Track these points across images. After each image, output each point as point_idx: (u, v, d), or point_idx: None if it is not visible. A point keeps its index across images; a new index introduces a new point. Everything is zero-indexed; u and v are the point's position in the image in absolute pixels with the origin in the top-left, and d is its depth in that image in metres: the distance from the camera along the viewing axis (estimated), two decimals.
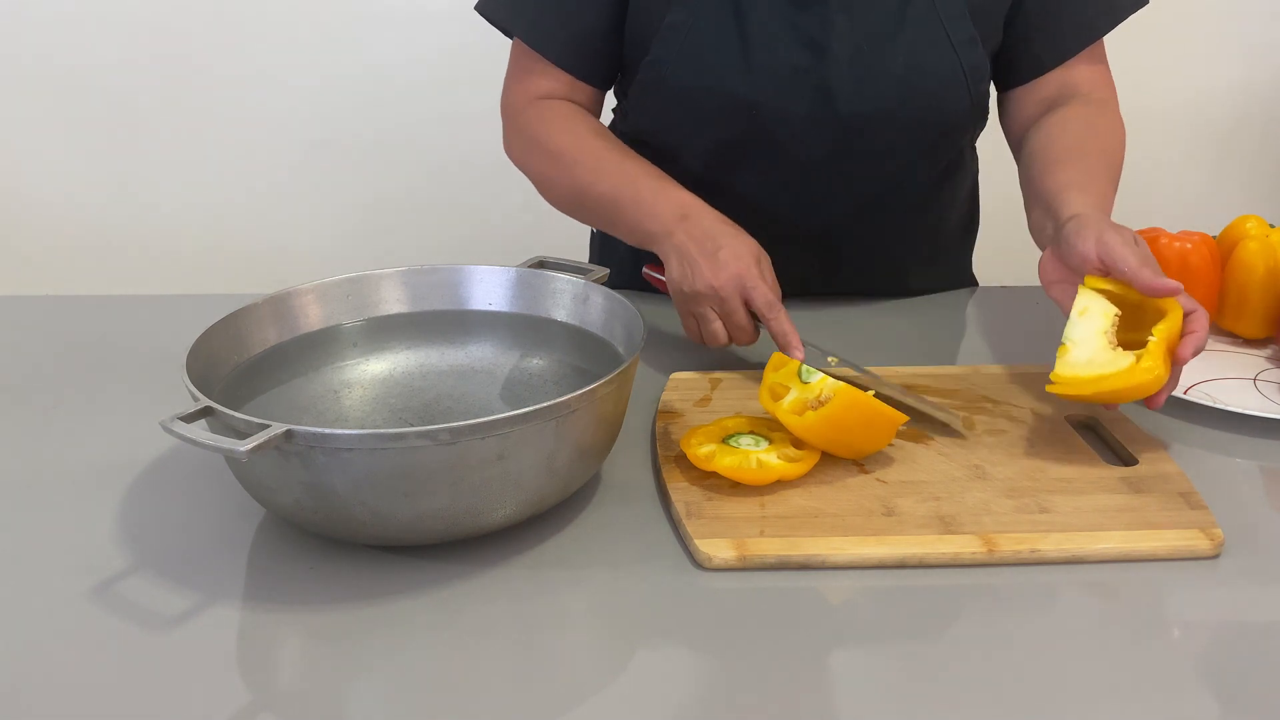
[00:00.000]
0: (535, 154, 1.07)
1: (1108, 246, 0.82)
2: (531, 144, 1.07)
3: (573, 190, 1.05)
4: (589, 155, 1.03)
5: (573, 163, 1.03)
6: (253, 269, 2.13)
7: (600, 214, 1.04)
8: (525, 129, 1.08)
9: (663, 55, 1.03)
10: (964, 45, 1.02)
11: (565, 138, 1.05)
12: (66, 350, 1.05)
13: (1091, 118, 1.05)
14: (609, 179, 1.01)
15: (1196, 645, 0.65)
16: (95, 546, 0.73)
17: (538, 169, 1.08)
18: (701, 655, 0.63)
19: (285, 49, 2.02)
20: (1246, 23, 2.08)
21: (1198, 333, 0.81)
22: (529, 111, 1.08)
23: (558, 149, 1.05)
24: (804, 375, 0.79)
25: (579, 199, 1.05)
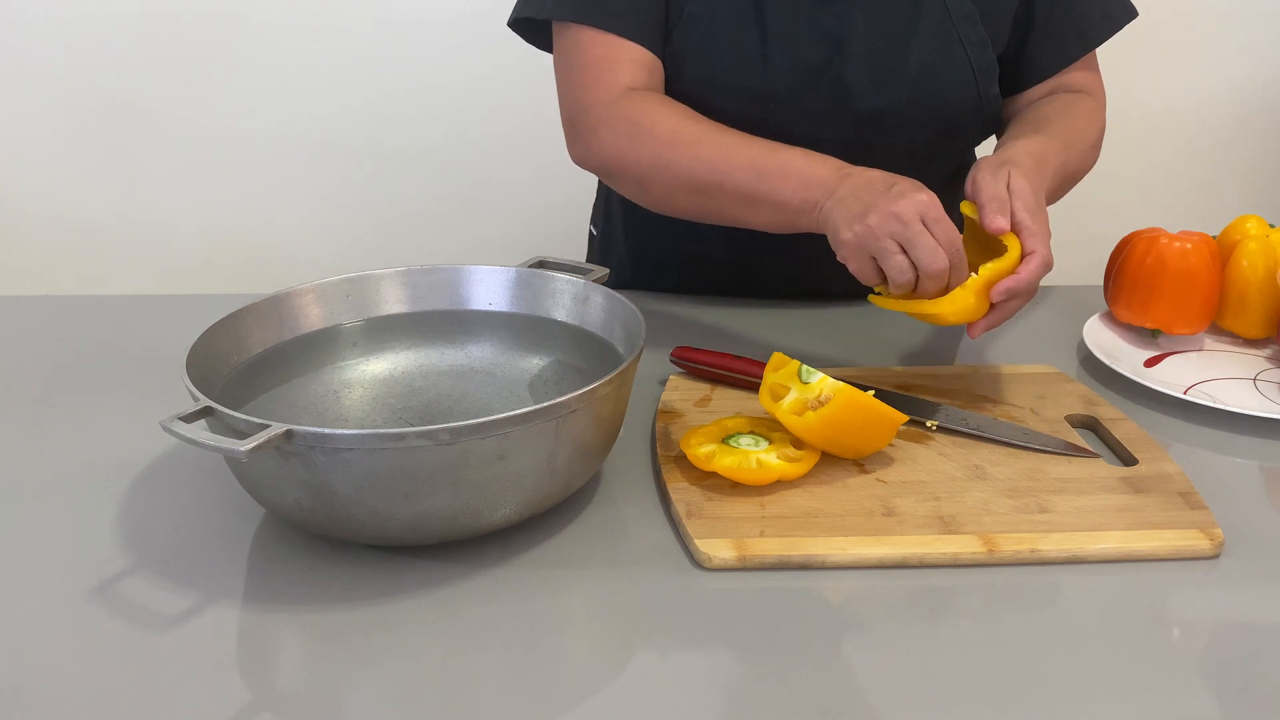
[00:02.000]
0: (644, 142, 0.98)
1: (976, 175, 0.89)
2: (637, 132, 0.98)
3: (696, 173, 0.95)
4: (710, 135, 0.96)
5: (694, 142, 0.95)
6: (253, 269, 2.13)
7: (734, 193, 0.94)
8: (625, 119, 0.99)
9: (682, 46, 1.03)
10: (975, 46, 1.04)
11: (677, 120, 0.97)
12: (66, 350, 1.05)
13: (1070, 101, 1.08)
14: (743, 154, 0.93)
15: (1196, 645, 0.65)
16: (95, 546, 0.73)
17: (649, 158, 0.98)
18: (701, 655, 0.63)
19: (286, 49, 2.02)
20: (1247, 23, 2.08)
21: (1019, 275, 0.85)
22: (622, 103, 1.00)
23: (672, 132, 0.96)
24: (804, 375, 0.79)
25: (706, 181, 0.95)
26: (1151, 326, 1.02)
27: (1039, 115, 1.05)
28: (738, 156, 0.93)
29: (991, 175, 0.88)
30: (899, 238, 0.83)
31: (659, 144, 0.97)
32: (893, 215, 0.82)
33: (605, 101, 1.00)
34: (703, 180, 0.95)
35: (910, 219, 0.82)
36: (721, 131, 0.96)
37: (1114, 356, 0.98)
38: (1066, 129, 1.03)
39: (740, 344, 1.03)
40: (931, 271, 0.83)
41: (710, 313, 1.12)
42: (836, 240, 0.87)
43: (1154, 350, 1.02)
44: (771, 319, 1.11)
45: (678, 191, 0.98)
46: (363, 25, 2.01)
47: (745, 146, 0.94)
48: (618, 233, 1.24)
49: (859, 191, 0.86)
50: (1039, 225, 0.87)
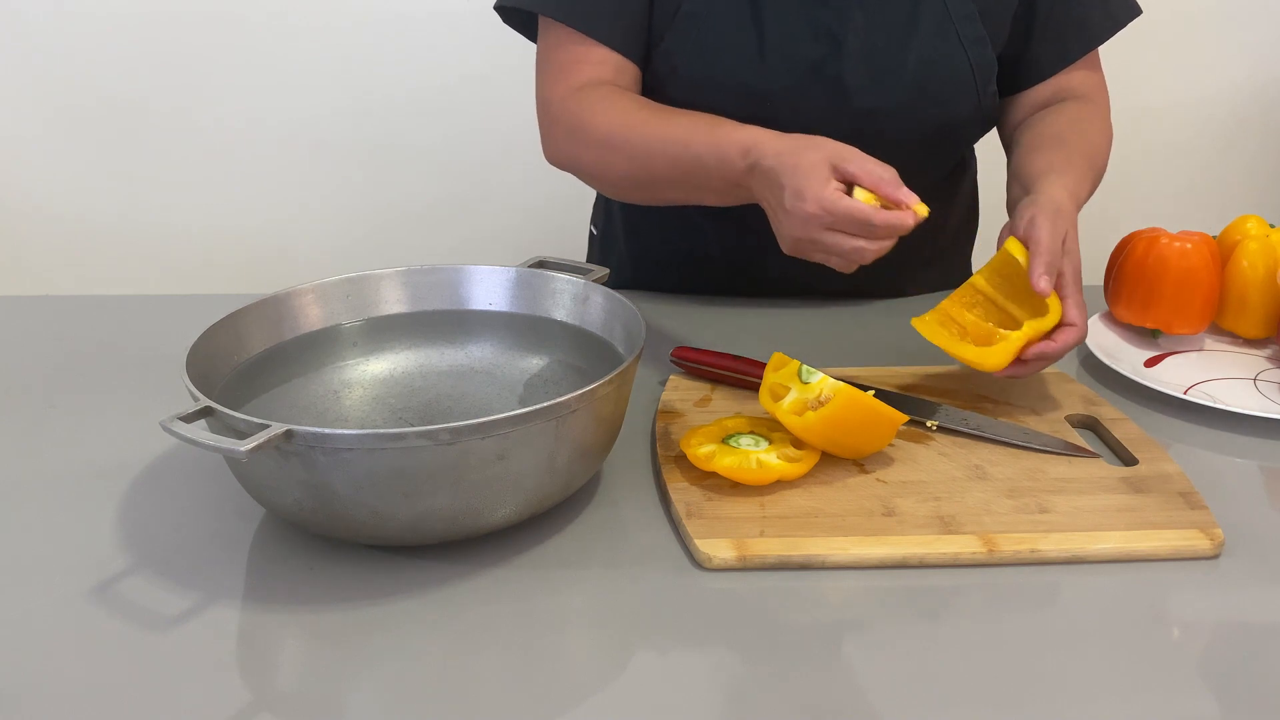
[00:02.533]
0: (581, 145, 1.00)
1: (1033, 226, 0.87)
2: (575, 134, 1.00)
3: (631, 173, 0.98)
4: (639, 133, 0.96)
5: (624, 143, 0.97)
6: (253, 269, 2.13)
7: (670, 188, 0.97)
8: (566, 121, 1.01)
9: (676, 45, 1.03)
10: (974, 44, 1.03)
11: (610, 118, 0.98)
12: (66, 350, 1.05)
13: (1081, 113, 1.07)
14: (666, 152, 0.94)
15: (1196, 645, 0.65)
16: (95, 546, 0.73)
17: (589, 160, 1.01)
18: (701, 655, 0.63)
19: (286, 49, 2.02)
20: (1247, 23, 2.08)
21: (1055, 343, 0.85)
22: (568, 103, 1.01)
23: (604, 134, 0.98)
24: (804, 375, 0.79)
25: (641, 179, 0.98)
26: (1151, 326, 1.02)
27: (1056, 133, 1.03)
28: (661, 155, 0.94)
29: (1050, 228, 0.86)
30: (819, 250, 0.84)
31: (596, 144, 0.99)
32: (802, 240, 0.84)
33: (558, 99, 1.02)
34: (638, 178, 0.98)
35: (817, 235, 0.83)
36: (650, 124, 0.96)
37: (1114, 356, 0.98)
38: (1088, 150, 1.02)
39: (740, 344, 1.03)
40: (866, 261, 0.84)
41: (710, 313, 1.12)
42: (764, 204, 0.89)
43: (1154, 350, 1.02)
44: (771, 319, 1.11)
45: (622, 186, 1.03)
46: (363, 24, 2.01)
47: (666, 143, 0.95)
48: (618, 232, 1.24)
49: (767, 198, 0.87)
50: (1080, 294, 0.88)
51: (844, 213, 0.80)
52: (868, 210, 0.80)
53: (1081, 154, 1.00)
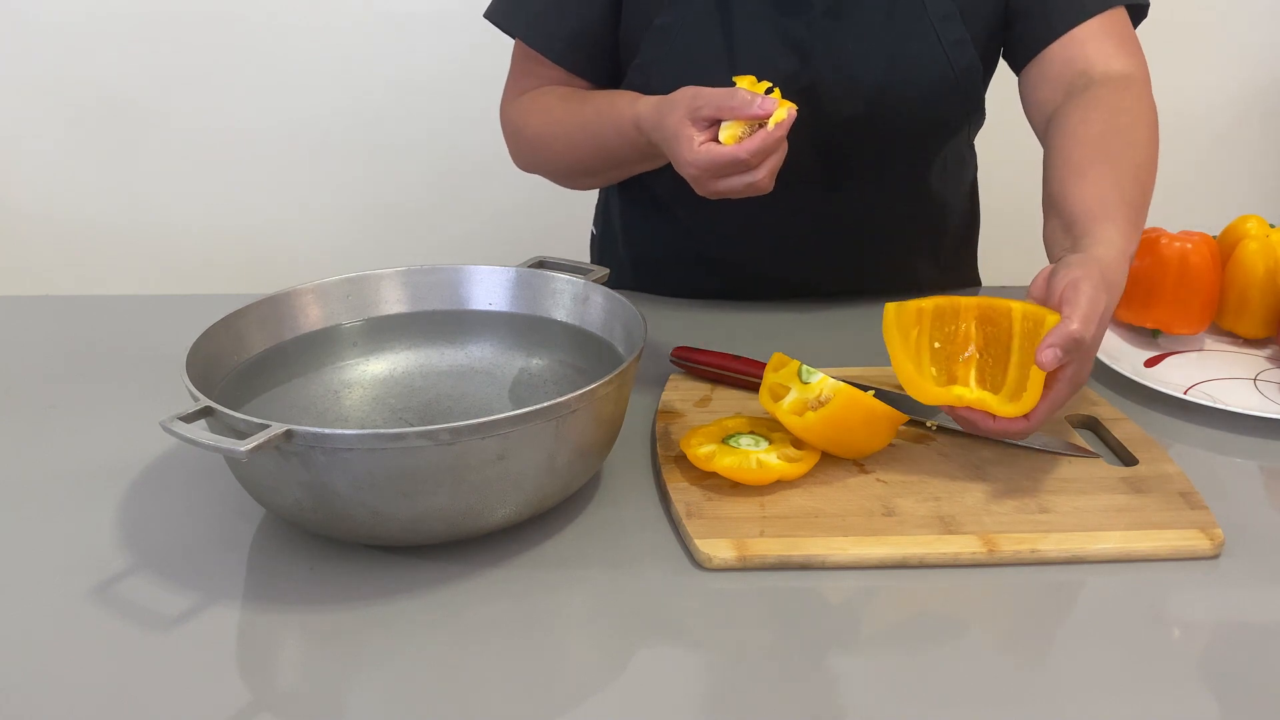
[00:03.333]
0: (524, 148, 1.09)
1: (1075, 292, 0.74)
2: (519, 139, 1.09)
3: (568, 165, 1.06)
4: (560, 129, 1.04)
5: (551, 140, 1.05)
6: (253, 269, 2.13)
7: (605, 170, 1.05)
8: (510, 128, 1.10)
9: (650, 58, 1.03)
10: (954, 47, 1.01)
11: (537, 119, 1.06)
12: (66, 350, 1.05)
13: (1121, 104, 0.94)
14: (582, 144, 1.02)
15: (1196, 645, 0.65)
16: (95, 546, 0.73)
17: (533, 160, 1.10)
18: (701, 655, 0.63)
19: (286, 48, 2.02)
20: (1247, 23, 2.08)
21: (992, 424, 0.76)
22: (509, 111, 1.10)
23: (535, 135, 1.07)
24: (804, 375, 0.79)
25: (577, 169, 1.06)
26: (1151, 326, 1.02)
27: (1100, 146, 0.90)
28: (583, 145, 1.02)
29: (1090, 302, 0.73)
30: (726, 193, 0.84)
31: (533, 149, 1.08)
32: (708, 191, 0.84)
33: (505, 108, 1.11)
34: (576, 169, 1.06)
35: (713, 185, 0.83)
36: (567, 118, 1.03)
37: (1114, 356, 0.98)
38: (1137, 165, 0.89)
39: (740, 344, 1.03)
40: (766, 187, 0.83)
41: (710, 313, 1.12)
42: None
43: (1154, 350, 1.02)
44: (771, 319, 1.11)
45: (571, 177, 1.09)
46: (363, 24, 2.01)
47: (583, 133, 1.01)
48: (616, 233, 1.24)
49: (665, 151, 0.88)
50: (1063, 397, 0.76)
51: (713, 164, 0.81)
52: (730, 151, 0.80)
53: (1132, 176, 0.87)
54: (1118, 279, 0.78)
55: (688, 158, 0.82)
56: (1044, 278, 0.78)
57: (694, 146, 0.82)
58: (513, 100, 1.11)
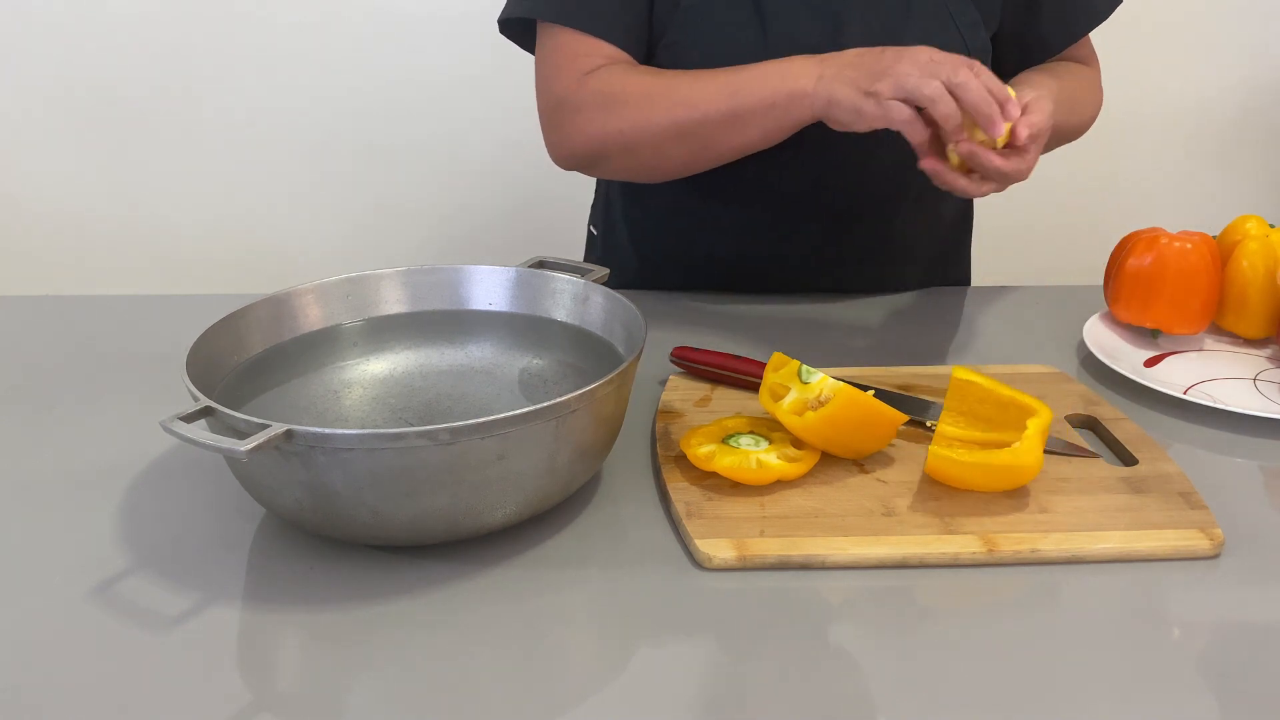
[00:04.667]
0: (619, 108, 1.00)
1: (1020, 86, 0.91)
2: (611, 101, 1.00)
3: (677, 117, 0.97)
4: (681, 79, 0.98)
5: (667, 90, 0.98)
6: (253, 269, 2.14)
7: (719, 120, 0.96)
8: (596, 94, 1.01)
9: (679, 38, 1.04)
10: (969, 28, 1.05)
11: (646, 78, 1.00)
12: (66, 350, 1.05)
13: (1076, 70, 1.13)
14: (715, 81, 0.96)
15: (1196, 645, 0.65)
16: (95, 546, 0.73)
17: (629, 121, 0.99)
18: (701, 655, 0.63)
19: (286, 48, 2.02)
20: (1247, 23, 2.08)
21: (995, 160, 0.88)
22: (589, 81, 1.02)
23: (644, 89, 0.99)
24: (804, 375, 0.79)
25: (690, 120, 0.97)
26: (1151, 326, 1.02)
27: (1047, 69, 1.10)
28: (712, 86, 0.96)
29: (1034, 91, 0.91)
30: (918, 72, 0.85)
31: (635, 104, 0.99)
32: (903, 62, 0.86)
33: (573, 88, 1.02)
34: (686, 121, 0.97)
35: (920, 61, 0.85)
36: (691, 74, 0.98)
37: (1114, 356, 0.98)
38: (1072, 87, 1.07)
39: (740, 344, 1.03)
40: (957, 80, 0.84)
41: (710, 313, 1.12)
42: (851, 108, 0.88)
43: (1154, 350, 1.02)
44: (771, 319, 1.11)
45: (666, 143, 0.99)
46: (363, 24, 2.01)
47: (716, 75, 0.96)
48: (619, 231, 1.24)
49: (852, 61, 0.90)
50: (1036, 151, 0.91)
51: (951, 55, 0.87)
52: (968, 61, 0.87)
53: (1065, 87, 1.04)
54: (1045, 85, 0.97)
55: (917, 48, 0.87)
56: None
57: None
58: (584, 76, 1.02)
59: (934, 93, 0.85)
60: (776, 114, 0.94)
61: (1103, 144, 1.95)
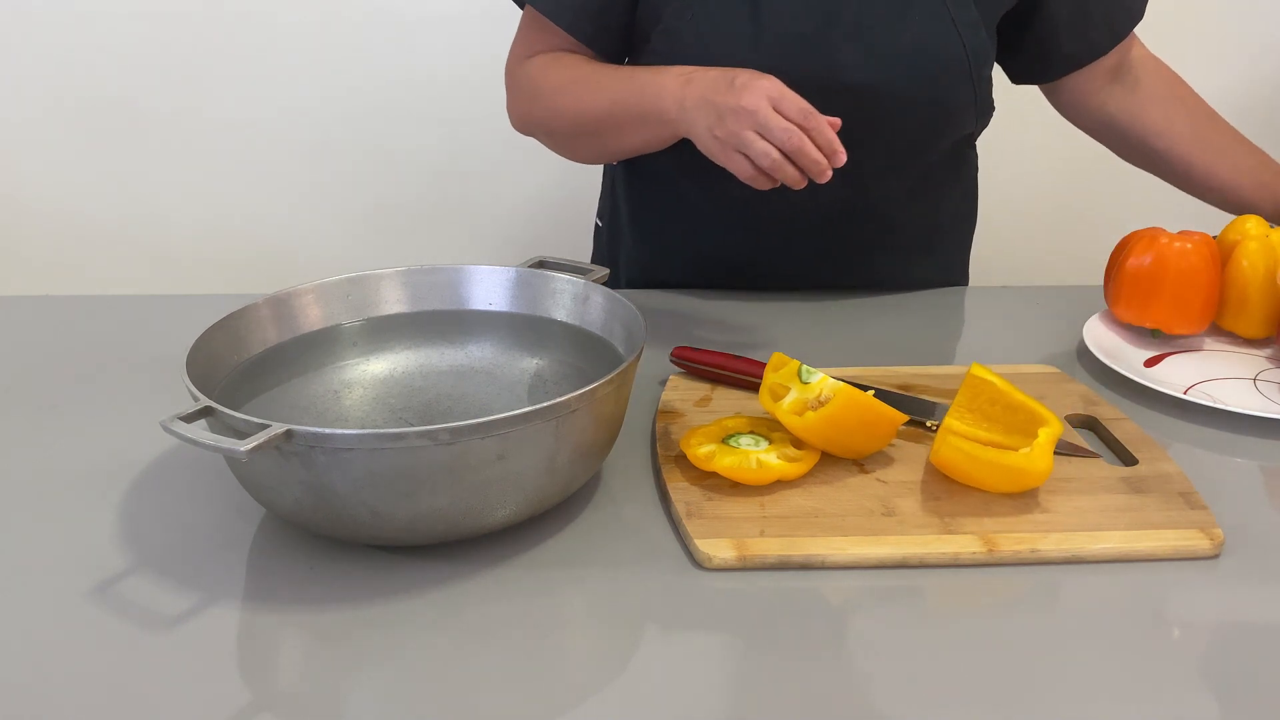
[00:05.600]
0: (537, 100, 1.08)
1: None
2: (532, 93, 1.08)
3: (578, 115, 1.04)
4: (586, 79, 1.04)
5: (574, 89, 1.04)
6: (253, 269, 2.13)
7: (612, 129, 1.03)
8: (523, 82, 1.10)
9: (674, 25, 1.04)
10: (968, 28, 1.04)
11: (560, 73, 1.06)
12: (66, 350, 1.05)
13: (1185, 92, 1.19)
14: (607, 88, 1.01)
15: (1196, 645, 0.65)
16: (95, 546, 0.73)
17: (542, 113, 1.08)
18: (701, 655, 0.63)
19: (285, 47, 2.02)
20: (1247, 23, 2.08)
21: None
22: (525, 65, 1.10)
23: (554, 84, 1.06)
24: (804, 375, 0.79)
25: (588, 123, 1.04)
26: (1151, 326, 1.02)
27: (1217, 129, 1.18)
28: (605, 91, 1.01)
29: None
30: (754, 127, 0.88)
31: (550, 97, 1.06)
32: (742, 110, 0.88)
33: (516, 65, 1.11)
34: (586, 121, 1.04)
35: (758, 106, 0.87)
36: (598, 71, 1.04)
37: (1114, 356, 0.98)
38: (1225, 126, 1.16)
39: (741, 343, 1.03)
40: (789, 147, 0.87)
41: (710, 312, 1.12)
42: (704, 147, 0.92)
43: (1154, 350, 1.02)
44: (771, 319, 1.11)
45: (576, 138, 1.08)
46: (362, 22, 2.01)
47: (611, 80, 1.02)
48: (623, 224, 1.24)
49: (706, 94, 0.91)
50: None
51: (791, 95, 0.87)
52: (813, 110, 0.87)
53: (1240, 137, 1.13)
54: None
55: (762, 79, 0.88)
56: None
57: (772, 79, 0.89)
58: (525, 58, 1.10)
59: (771, 166, 0.88)
60: (651, 127, 0.99)
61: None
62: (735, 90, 0.89)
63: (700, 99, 0.92)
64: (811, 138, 0.87)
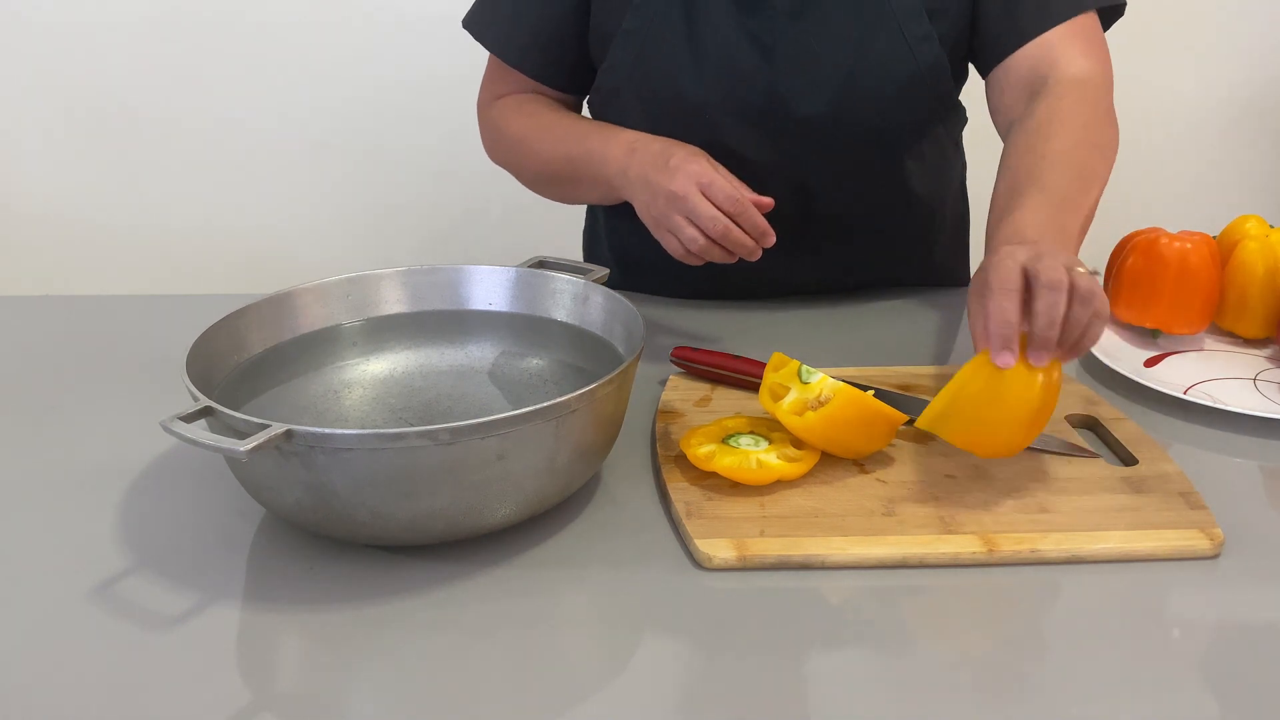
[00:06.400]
0: (501, 147, 1.13)
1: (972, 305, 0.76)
2: (497, 138, 1.13)
3: (538, 169, 1.09)
4: (543, 131, 1.07)
5: (532, 141, 1.08)
6: (253, 269, 2.13)
7: (568, 182, 1.07)
8: (489, 126, 1.14)
9: (618, 61, 1.05)
10: (920, 43, 1.01)
11: (521, 121, 1.10)
12: (66, 350, 1.05)
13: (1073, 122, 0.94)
14: (562, 145, 1.05)
15: (1196, 645, 0.65)
16: (95, 546, 0.73)
17: (506, 160, 1.14)
18: (701, 655, 0.63)
19: (284, 49, 2.02)
20: (1246, 23, 2.08)
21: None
22: (491, 110, 1.14)
23: (517, 135, 1.10)
24: (804, 375, 0.79)
25: (546, 175, 1.09)
26: (1151, 326, 1.02)
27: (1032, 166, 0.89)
28: (559, 147, 1.05)
29: (986, 295, 0.73)
30: (683, 212, 0.91)
31: (510, 146, 1.12)
32: (672, 195, 0.90)
33: (482, 106, 1.16)
34: (545, 174, 1.09)
35: (687, 192, 0.90)
36: (554, 125, 1.07)
37: (1114, 356, 0.98)
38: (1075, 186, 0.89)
39: (740, 344, 1.03)
40: (715, 234, 0.90)
41: (710, 313, 1.12)
42: (642, 218, 0.96)
43: (1154, 350, 1.02)
44: (771, 319, 1.11)
45: (537, 184, 1.13)
46: (363, 25, 2.01)
47: (564, 136, 1.05)
48: (601, 233, 1.25)
49: (644, 171, 0.94)
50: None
51: (723, 177, 0.89)
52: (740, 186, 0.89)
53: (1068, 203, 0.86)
54: (1031, 240, 0.78)
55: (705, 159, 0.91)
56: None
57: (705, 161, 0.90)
58: (490, 102, 1.15)
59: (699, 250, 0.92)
60: (600, 189, 1.02)
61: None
62: (669, 172, 0.91)
63: (639, 175, 0.95)
64: (739, 223, 0.90)
